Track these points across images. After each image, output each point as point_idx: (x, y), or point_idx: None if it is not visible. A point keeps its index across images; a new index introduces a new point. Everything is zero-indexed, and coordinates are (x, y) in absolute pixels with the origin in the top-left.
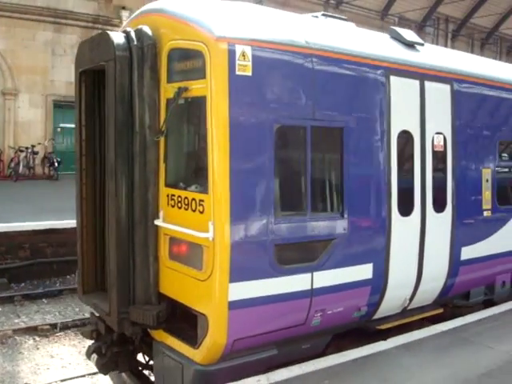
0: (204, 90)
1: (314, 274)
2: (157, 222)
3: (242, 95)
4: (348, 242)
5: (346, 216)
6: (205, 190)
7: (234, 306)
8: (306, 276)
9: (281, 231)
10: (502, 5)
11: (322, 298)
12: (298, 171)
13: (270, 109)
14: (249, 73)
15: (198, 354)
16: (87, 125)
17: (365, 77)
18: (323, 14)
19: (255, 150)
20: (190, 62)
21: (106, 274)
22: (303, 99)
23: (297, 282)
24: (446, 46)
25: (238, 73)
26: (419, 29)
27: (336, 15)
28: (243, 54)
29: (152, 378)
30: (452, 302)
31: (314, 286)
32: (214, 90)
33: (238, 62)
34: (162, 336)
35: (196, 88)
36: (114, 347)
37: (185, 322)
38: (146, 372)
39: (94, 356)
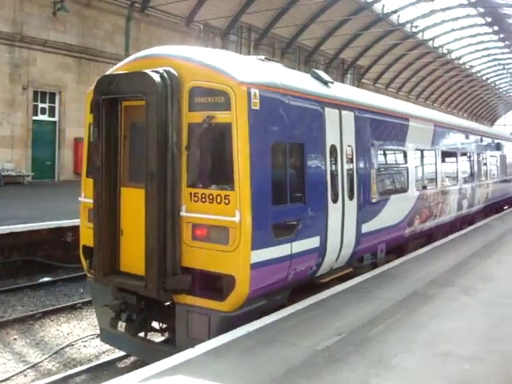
0: (229, 119)
1: (293, 243)
2: (182, 214)
3: (255, 123)
4: (307, 222)
5: (306, 204)
6: (231, 188)
7: (253, 266)
8: (288, 245)
9: (275, 215)
10: (300, 17)
11: (296, 260)
12: (282, 173)
13: (269, 131)
14: (258, 107)
15: (224, 305)
16: (106, 141)
17: (313, 109)
18: (266, 58)
19: (262, 160)
20: (213, 97)
21: (119, 260)
22: (284, 125)
23: (284, 249)
24: (248, 53)
25: (252, 107)
26: (223, 36)
27: (273, 59)
28: (255, 95)
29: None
30: (353, 264)
31: (293, 252)
32: (238, 119)
33: (252, 100)
34: (185, 299)
35: (222, 117)
36: (142, 314)
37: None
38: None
39: (122, 324)
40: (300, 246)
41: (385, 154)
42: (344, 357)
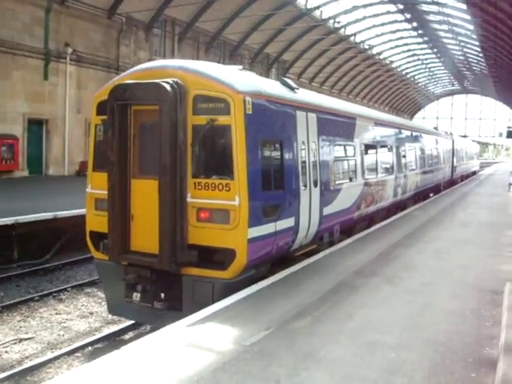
0: (229, 121)
1: (276, 223)
2: (188, 200)
3: (249, 124)
4: (286, 205)
5: (285, 190)
6: (231, 178)
7: (249, 241)
8: (273, 224)
9: (264, 200)
10: (225, 11)
11: (278, 236)
12: (268, 165)
13: (259, 131)
14: (251, 112)
15: (226, 273)
16: (119, 137)
17: (288, 112)
18: (243, 68)
19: (255, 155)
20: (214, 103)
21: (130, 241)
22: (268, 126)
23: (271, 228)
24: (172, 48)
25: (247, 112)
26: (147, 30)
27: (245, 68)
28: (248, 102)
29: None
30: (316, 242)
31: (276, 230)
32: (237, 122)
33: (247, 106)
34: (191, 271)
35: (222, 119)
36: (154, 285)
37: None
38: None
39: (137, 294)
40: (281, 224)
41: (339, 148)
42: (273, 351)
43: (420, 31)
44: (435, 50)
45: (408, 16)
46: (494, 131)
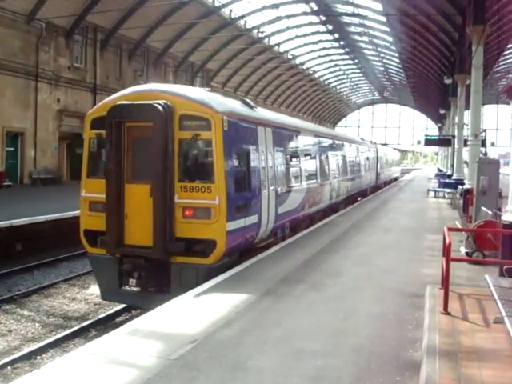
0: (210, 136)
1: (245, 219)
2: (175, 200)
3: (225, 138)
4: (252, 204)
5: (251, 192)
6: (212, 181)
7: (227, 233)
8: (243, 220)
9: (237, 200)
10: (149, 18)
11: (246, 230)
12: (239, 171)
13: (232, 144)
14: (226, 128)
15: (208, 260)
16: (116, 149)
17: (251, 127)
18: (211, 90)
19: (229, 163)
20: (197, 121)
21: (124, 236)
22: (239, 139)
23: (241, 223)
24: (94, 55)
25: (224, 128)
26: (68, 36)
27: (213, 90)
28: (225, 120)
29: None
30: (271, 237)
31: (245, 225)
32: (217, 136)
33: (224, 124)
34: (178, 259)
35: (205, 134)
36: (148, 272)
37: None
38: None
39: (133, 281)
40: (248, 220)
41: (288, 157)
42: (199, 364)
43: (342, 42)
44: (356, 61)
45: (330, 27)
46: (413, 139)
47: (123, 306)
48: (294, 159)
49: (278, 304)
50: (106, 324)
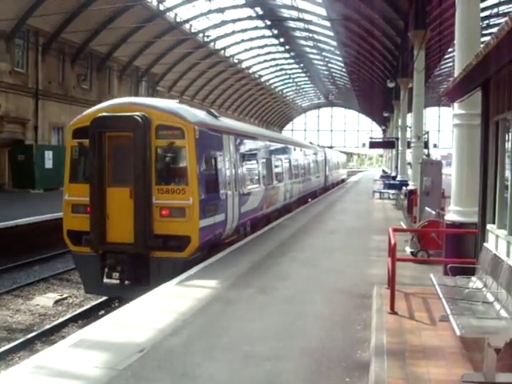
0: (184, 144)
1: (214, 217)
2: (153, 201)
3: (197, 146)
4: (220, 204)
5: (219, 193)
6: (186, 184)
7: (200, 230)
8: (213, 218)
9: (207, 200)
10: (92, 22)
11: (215, 227)
12: (208, 174)
13: (202, 150)
14: (198, 137)
15: (184, 254)
16: (98, 157)
17: (217, 135)
18: (179, 102)
19: (200, 167)
20: (172, 131)
21: (108, 233)
22: (208, 146)
23: (211, 220)
24: (36, 59)
25: (196, 137)
26: (8, 40)
27: (182, 101)
28: (196, 129)
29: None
30: (235, 234)
31: (215, 222)
32: (189, 144)
33: (195, 133)
34: (157, 254)
35: (179, 142)
36: (130, 266)
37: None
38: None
39: (116, 274)
40: (217, 218)
41: (248, 161)
42: (148, 374)
43: (287, 47)
44: (302, 65)
45: (275, 32)
46: (358, 142)
47: (69, 315)
48: (253, 163)
49: (227, 309)
50: (52, 335)
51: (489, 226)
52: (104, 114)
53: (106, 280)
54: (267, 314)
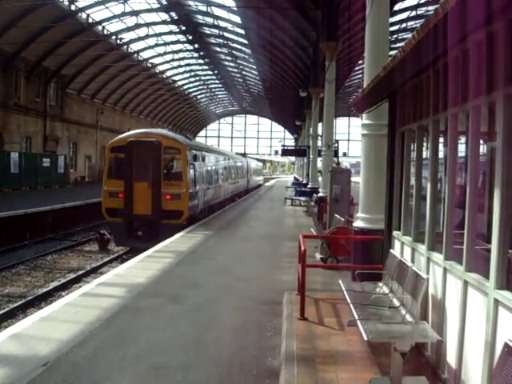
0: (180, 157)
1: (194, 201)
2: (162, 190)
3: (188, 159)
4: (196, 193)
5: (195, 187)
6: (181, 181)
7: (188, 207)
8: (193, 201)
9: (191, 191)
10: None
11: (194, 207)
12: (192, 175)
13: (189, 161)
14: (187, 154)
15: (179, 221)
16: (130, 164)
17: (195, 152)
18: (169, 130)
19: (189, 170)
20: (174, 150)
21: (134, 209)
22: (191, 158)
23: (193, 203)
24: None
25: (187, 153)
26: None
27: (170, 129)
28: (187, 149)
29: None
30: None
31: (194, 204)
32: (183, 158)
33: (186, 151)
34: (164, 221)
35: (177, 157)
36: (147, 228)
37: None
38: None
39: (140, 233)
40: (195, 202)
41: (209, 168)
42: None
43: (201, 52)
44: (216, 72)
45: (190, 37)
46: (271, 149)
47: None
48: (210, 169)
49: (136, 319)
50: None
51: (394, 233)
52: (133, 139)
53: (129, 239)
54: (177, 324)
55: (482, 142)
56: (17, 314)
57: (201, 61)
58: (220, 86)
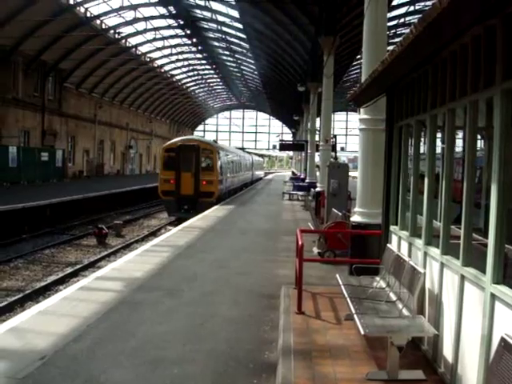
0: (212, 156)
1: (221, 185)
2: (200, 178)
3: (217, 157)
4: (222, 180)
5: (222, 176)
6: (213, 171)
7: (218, 189)
8: (220, 186)
9: (219, 179)
10: None
11: (221, 190)
12: (219, 168)
13: (218, 158)
14: (218, 153)
15: (212, 199)
16: (184, 160)
17: (220, 152)
18: (202, 136)
19: (218, 165)
20: (208, 151)
21: (181, 190)
22: (219, 156)
23: (220, 187)
24: None
25: (216, 153)
26: None
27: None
28: (217, 150)
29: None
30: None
31: (220, 188)
32: (214, 157)
33: (218, 150)
34: (201, 199)
35: (210, 156)
36: (190, 203)
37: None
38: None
39: (185, 206)
40: (221, 187)
41: (228, 163)
42: (50, 382)
43: (200, 47)
44: (214, 66)
45: (188, 31)
46: (269, 144)
47: None
48: (229, 164)
49: (133, 313)
50: None
51: (392, 228)
52: (181, 143)
53: (178, 211)
54: (174, 317)
55: (479, 136)
56: (15, 307)
57: (199, 55)
58: (218, 80)
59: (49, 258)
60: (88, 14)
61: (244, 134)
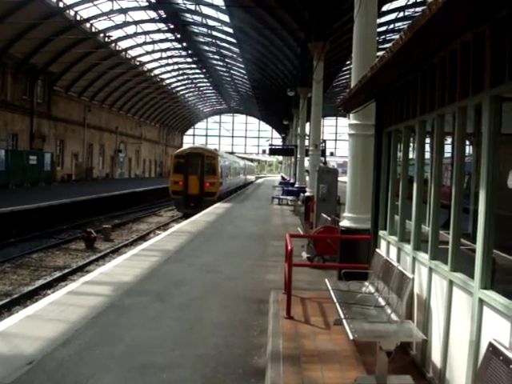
0: (214, 162)
1: (221, 187)
2: (205, 180)
3: (218, 162)
4: (222, 182)
5: (222, 179)
6: (215, 175)
7: (219, 190)
8: (221, 187)
9: (220, 181)
10: None
11: (222, 190)
12: (221, 172)
13: (220, 163)
14: (219, 159)
15: (214, 198)
16: (189, 166)
17: (219, 158)
18: (203, 144)
19: (219, 169)
20: (211, 157)
21: (189, 190)
22: (220, 162)
23: (222, 188)
24: None
25: (218, 159)
26: None
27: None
28: (219, 157)
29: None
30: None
31: (221, 189)
32: (216, 162)
33: (219, 157)
34: (205, 198)
35: (213, 162)
36: (196, 201)
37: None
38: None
39: (192, 204)
40: (221, 188)
41: (226, 167)
42: None
43: (190, 51)
44: (204, 71)
45: (178, 36)
46: (259, 148)
47: None
48: (227, 168)
49: (122, 317)
50: None
51: (381, 233)
52: (188, 151)
53: (185, 208)
54: (163, 322)
55: (467, 142)
56: (2, 312)
57: (189, 59)
58: (208, 84)
59: (37, 262)
60: (78, 18)
61: (234, 138)
